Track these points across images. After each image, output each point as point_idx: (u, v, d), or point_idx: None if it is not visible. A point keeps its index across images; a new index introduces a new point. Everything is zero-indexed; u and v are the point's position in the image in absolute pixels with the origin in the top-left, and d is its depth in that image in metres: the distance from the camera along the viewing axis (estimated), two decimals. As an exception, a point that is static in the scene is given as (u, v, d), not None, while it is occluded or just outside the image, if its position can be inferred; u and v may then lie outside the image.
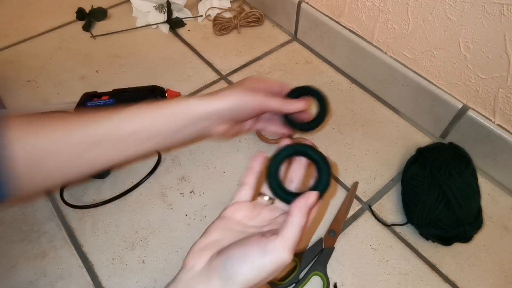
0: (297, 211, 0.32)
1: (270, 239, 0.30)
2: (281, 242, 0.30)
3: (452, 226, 0.46)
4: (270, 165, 0.36)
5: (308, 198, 0.33)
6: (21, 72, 0.68)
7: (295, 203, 0.32)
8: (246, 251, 0.30)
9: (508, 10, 0.44)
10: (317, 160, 0.36)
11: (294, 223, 0.31)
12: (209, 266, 0.31)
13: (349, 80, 0.68)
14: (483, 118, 0.52)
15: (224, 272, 0.30)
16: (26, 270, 0.46)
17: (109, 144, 0.37)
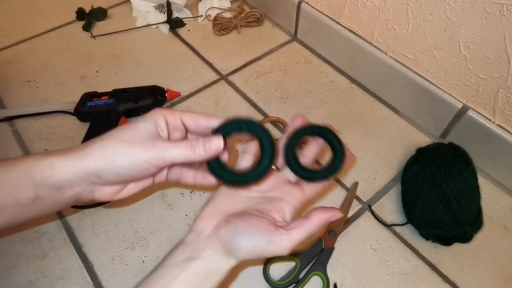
0: (317, 221, 0.33)
1: (278, 232, 0.32)
2: (288, 240, 0.32)
3: (452, 226, 0.46)
4: (290, 137, 0.37)
5: (333, 215, 0.34)
6: (21, 72, 0.68)
7: (319, 214, 0.34)
8: (254, 233, 0.32)
9: (508, 10, 0.44)
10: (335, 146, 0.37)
11: (308, 229, 0.33)
12: (217, 232, 0.33)
13: (349, 80, 0.68)
14: (483, 118, 0.52)
15: (230, 244, 0.32)
16: (26, 270, 0.46)
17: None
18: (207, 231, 0.33)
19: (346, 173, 0.56)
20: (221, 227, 0.33)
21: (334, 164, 0.37)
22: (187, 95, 0.65)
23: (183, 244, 0.33)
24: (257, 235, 0.32)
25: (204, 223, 0.34)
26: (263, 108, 0.63)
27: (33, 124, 0.60)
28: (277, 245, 0.32)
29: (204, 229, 0.34)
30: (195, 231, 0.34)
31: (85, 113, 0.59)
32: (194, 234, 0.34)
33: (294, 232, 0.32)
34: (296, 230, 0.33)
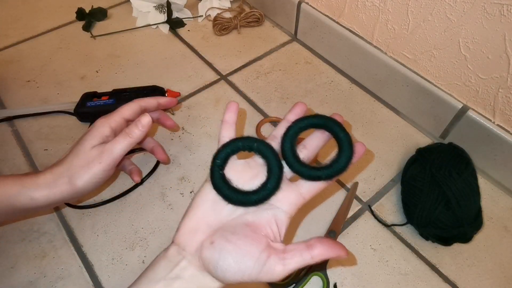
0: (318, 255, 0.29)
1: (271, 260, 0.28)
2: (281, 271, 0.28)
3: (452, 226, 0.46)
4: (290, 127, 0.33)
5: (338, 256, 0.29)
6: (21, 72, 0.68)
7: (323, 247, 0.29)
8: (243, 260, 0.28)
9: (508, 11, 0.44)
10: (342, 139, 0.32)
11: (306, 260, 0.29)
12: (201, 254, 0.30)
13: (349, 80, 0.68)
14: (483, 119, 0.52)
15: (215, 270, 0.29)
16: (26, 270, 0.46)
17: None
18: (190, 249, 0.31)
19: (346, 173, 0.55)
20: (205, 248, 0.30)
21: (340, 161, 0.32)
22: (187, 95, 0.65)
23: (164, 258, 0.32)
24: (246, 263, 0.28)
25: (187, 238, 0.31)
26: (263, 108, 0.64)
27: (33, 124, 0.60)
28: (269, 274, 0.28)
29: (186, 245, 0.31)
30: (177, 244, 0.32)
31: (85, 113, 0.59)
32: (175, 248, 0.32)
33: (289, 262, 0.29)
34: (292, 260, 0.29)
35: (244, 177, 0.33)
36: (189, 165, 0.56)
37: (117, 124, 0.41)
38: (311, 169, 0.32)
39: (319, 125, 0.33)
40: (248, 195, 0.31)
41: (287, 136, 0.33)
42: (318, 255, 0.29)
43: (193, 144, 0.59)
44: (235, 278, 0.29)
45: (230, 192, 0.31)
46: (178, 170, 0.56)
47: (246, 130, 0.60)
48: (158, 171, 0.55)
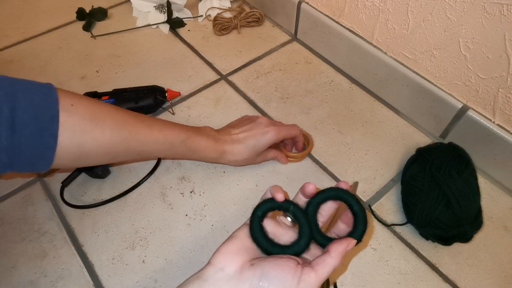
0: (336, 254, 0.33)
1: (305, 271, 0.32)
2: (315, 278, 0.32)
3: (452, 226, 0.46)
4: (311, 203, 0.37)
5: (348, 245, 0.34)
6: (21, 72, 0.68)
7: (336, 246, 0.34)
8: (282, 274, 0.31)
9: (508, 10, 0.44)
10: (357, 213, 0.36)
11: (330, 264, 0.33)
12: (240, 273, 0.31)
13: (349, 80, 0.68)
14: (483, 118, 0.52)
15: (257, 286, 0.31)
16: (27, 270, 0.46)
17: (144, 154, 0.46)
18: (229, 270, 0.31)
19: (346, 173, 0.56)
20: (245, 269, 0.31)
21: (355, 234, 0.35)
22: (187, 95, 0.65)
23: (198, 278, 0.31)
24: (286, 276, 0.31)
25: (226, 259, 0.32)
26: (263, 108, 0.64)
27: (34, 124, 0.60)
28: (307, 284, 0.31)
29: (225, 266, 0.32)
30: (214, 265, 0.32)
31: (85, 113, 0.59)
32: (212, 268, 0.32)
33: (319, 269, 0.32)
34: (320, 266, 0.32)
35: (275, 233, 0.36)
36: (189, 165, 0.56)
37: (284, 138, 0.54)
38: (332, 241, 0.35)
39: (336, 198, 0.37)
40: (283, 248, 0.34)
41: (309, 212, 0.36)
42: (335, 253, 0.33)
43: (193, 144, 0.59)
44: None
45: (267, 244, 0.34)
46: (178, 170, 0.56)
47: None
48: (158, 171, 0.55)
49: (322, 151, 0.58)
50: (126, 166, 0.56)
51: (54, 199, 0.52)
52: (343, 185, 0.37)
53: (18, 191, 0.53)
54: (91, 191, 0.53)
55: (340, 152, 0.58)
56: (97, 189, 0.53)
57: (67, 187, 0.53)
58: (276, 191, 0.36)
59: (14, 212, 0.51)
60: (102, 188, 0.53)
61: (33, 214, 0.51)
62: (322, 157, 0.57)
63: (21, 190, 0.53)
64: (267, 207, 0.36)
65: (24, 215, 0.51)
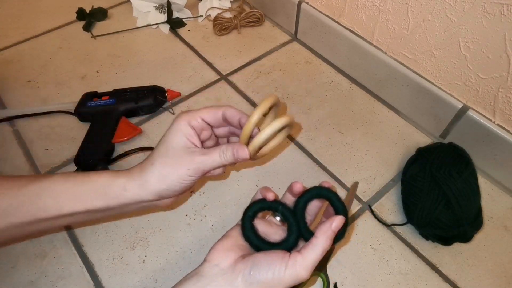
0: (322, 234, 0.34)
1: (292, 255, 0.33)
2: (301, 261, 0.32)
3: (452, 226, 0.46)
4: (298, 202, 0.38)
5: (332, 222, 0.34)
6: (22, 72, 0.68)
7: (321, 227, 0.34)
8: (271, 262, 0.32)
9: (508, 10, 0.44)
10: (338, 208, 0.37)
11: (318, 245, 0.33)
12: (234, 266, 0.33)
13: (349, 80, 0.68)
14: (483, 118, 0.52)
15: (248, 276, 0.32)
16: (27, 269, 0.46)
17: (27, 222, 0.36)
18: (223, 265, 0.33)
19: (346, 172, 0.56)
20: (238, 263, 0.33)
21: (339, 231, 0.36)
22: (187, 95, 0.65)
23: (196, 274, 0.33)
24: (274, 263, 0.32)
25: (221, 256, 0.34)
26: (263, 108, 0.63)
27: (34, 124, 0.60)
28: (293, 268, 0.32)
29: (220, 261, 0.33)
30: (210, 261, 0.34)
31: (86, 113, 0.59)
32: (208, 264, 0.34)
33: (305, 252, 0.33)
34: (306, 249, 0.33)
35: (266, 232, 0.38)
36: (190, 165, 0.56)
37: (197, 125, 0.39)
38: None
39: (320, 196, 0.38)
40: (273, 246, 0.36)
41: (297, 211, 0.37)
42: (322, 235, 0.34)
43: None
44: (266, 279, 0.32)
45: (258, 241, 0.36)
46: (179, 170, 0.56)
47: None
48: (158, 171, 0.55)
49: (322, 151, 0.58)
50: (126, 166, 0.56)
51: (54, 199, 0.52)
52: (325, 184, 0.39)
53: (18, 191, 0.53)
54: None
55: (340, 152, 0.58)
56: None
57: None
58: (267, 191, 0.38)
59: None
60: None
61: (33, 214, 0.51)
62: (322, 157, 0.57)
63: (21, 190, 0.53)
64: (257, 208, 0.37)
65: (24, 215, 0.51)
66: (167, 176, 0.37)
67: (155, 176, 0.37)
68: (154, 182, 0.37)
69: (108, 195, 0.37)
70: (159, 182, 0.37)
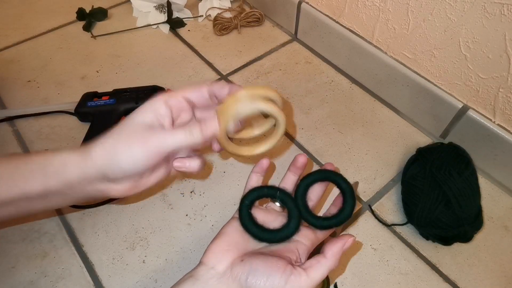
0: (331, 254, 0.32)
1: (296, 271, 0.31)
2: (306, 281, 0.31)
3: (452, 226, 0.46)
4: (299, 186, 0.37)
5: (344, 244, 0.33)
6: (22, 72, 0.68)
7: (331, 246, 0.33)
8: (270, 272, 0.30)
9: (508, 10, 0.44)
10: (345, 190, 0.36)
11: (325, 266, 0.32)
12: (231, 271, 0.31)
13: (349, 80, 0.68)
14: (483, 118, 0.52)
15: (244, 283, 0.30)
16: (27, 270, 0.46)
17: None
18: (220, 268, 0.32)
19: (346, 172, 0.56)
20: (235, 265, 0.32)
21: (345, 210, 0.36)
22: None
23: (191, 277, 0.32)
24: (274, 275, 0.30)
25: (216, 257, 0.32)
26: (264, 108, 0.63)
27: (34, 124, 0.60)
28: (295, 284, 0.30)
29: (216, 264, 0.32)
30: (206, 264, 0.32)
31: (86, 113, 0.59)
32: (204, 267, 0.32)
33: (312, 271, 0.31)
34: (313, 268, 0.31)
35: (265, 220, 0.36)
36: (190, 165, 0.56)
37: (176, 104, 0.33)
38: (324, 220, 0.36)
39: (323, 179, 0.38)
40: (273, 233, 0.35)
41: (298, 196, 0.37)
42: (331, 254, 0.32)
43: (194, 144, 0.59)
44: None
45: (258, 230, 0.34)
46: (179, 170, 0.56)
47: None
48: (158, 171, 0.55)
49: (322, 151, 0.58)
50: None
51: (54, 199, 0.52)
52: (329, 166, 0.37)
53: (18, 191, 0.53)
54: (91, 191, 0.53)
55: (341, 152, 0.58)
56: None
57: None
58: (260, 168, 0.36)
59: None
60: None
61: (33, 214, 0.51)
62: (323, 157, 0.57)
63: (21, 190, 0.53)
64: (253, 196, 0.36)
65: (24, 215, 0.51)
66: (116, 152, 0.31)
67: (101, 149, 0.31)
68: (98, 156, 0.31)
69: (47, 173, 0.31)
70: (104, 156, 0.31)
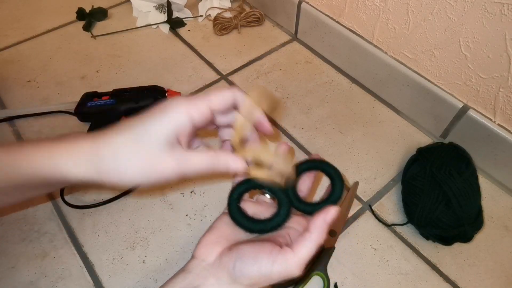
0: (315, 229, 0.31)
1: (282, 250, 0.31)
2: (293, 258, 0.30)
3: (453, 226, 0.46)
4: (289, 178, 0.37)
5: (327, 215, 0.32)
6: (21, 72, 0.68)
7: (314, 220, 0.32)
8: (257, 255, 0.30)
9: (509, 10, 0.44)
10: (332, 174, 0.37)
11: (311, 240, 0.31)
12: (219, 260, 0.32)
13: (349, 80, 0.68)
14: (483, 118, 0.52)
15: (232, 270, 0.31)
16: (27, 270, 0.46)
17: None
18: (210, 259, 0.32)
19: (347, 172, 0.56)
20: (224, 255, 0.32)
21: (335, 192, 0.36)
22: (188, 95, 0.65)
23: (183, 271, 0.32)
24: (261, 256, 0.30)
25: (206, 250, 0.33)
26: (264, 108, 0.63)
27: (34, 124, 0.60)
28: (283, 265, 0.30)
29: (206, 256, 0.33)
30: (197, 258, 0.33)
31: (86, 113, 0.59)
32: (195, 261, 0.33)
33: (297, 247, 0.31)
34: (299, 244, 0.31)
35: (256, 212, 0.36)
36: (190, 165, 0.56)
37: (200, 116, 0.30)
38: (315, 205, 0.36)
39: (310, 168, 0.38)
40: (264, 223, 0.35)
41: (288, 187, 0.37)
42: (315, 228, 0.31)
43: (194, 144, 0.59)
44: (252, 274, 0.30)
45: (248, 222, 0.34)
46: (179, 170, 0.56)
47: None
48: (158, 171, 0.55)
49: (322, 151, 0.58)
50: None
51: (54, 199, 0.52)
52: (315, 156, 0.38)
53: (18, 191, 0.53)
54: (91, 191, 0.53)
55: (341, 152, 0.58)
56: (97, 189, 0.53)
57: (67, 187, 0.53)
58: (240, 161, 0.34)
59: (14, 212, 0.51)
60: (102, 188, 0.53)
61: (33, 214, 0.51)
62: (323, 157, 0.57)
63: (21, 190, 0.53)
64: (242, 189, 0.36)
65: (24, 215, 0.51)
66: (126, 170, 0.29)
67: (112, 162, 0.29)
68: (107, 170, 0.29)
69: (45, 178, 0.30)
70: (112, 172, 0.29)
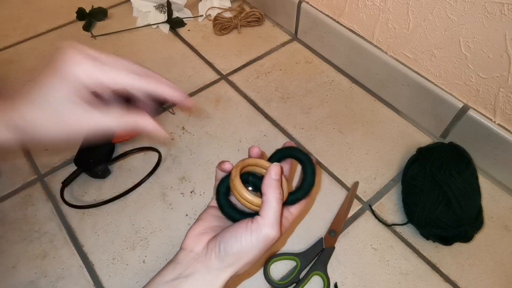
0: (268, 189, 0.33)
1: (254, 220, 0.33)
2: (263, 221, 0.32)
3: (453, 226, 0.46)
4: None
5: (271, 173, 0.34)
6: (21, 72, 0.68)
7: (264, 182, 0.34)
8: (236, 232, 0.33)
9: (509, 10, 0.43)
10: (302, 160, 0.38)
11: (270, 200, 0.33)
12: (206, 248, 0.34)
13: (349, 80, 0.68)
14: (483, 118, 0.52)
15: (218, 252, 0.32)
16: (27, 270, 0.46)
17: None
18: (197, 249, 0.34)
19: (347, 172, 0.56)
20: (210, 243, 0.34)
21: (307, 178, 0.37)
22: (187, 95, 0.65)
23: (172, 262, 0.34)
24: (240, 232, 0.32)
25: (194, 241, 0.35)
26: (264, 108, 0.63)
27: (34, 124, 0.60)
28: (258, 231, 0.32)
29: (194, 247, 0.34)
30: (185, 249, 0.34)
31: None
32: (183, 252, 0.34)
33: (263, 211, 0.32)
34: (264, 210, 0.32)
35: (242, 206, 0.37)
36: (190, 165, 0.56)
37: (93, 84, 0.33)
38: (291, 195, 0.37)
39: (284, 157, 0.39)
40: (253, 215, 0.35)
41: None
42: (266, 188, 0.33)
43: (194, 144, 0.59)
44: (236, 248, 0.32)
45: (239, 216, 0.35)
46: (179, 170, 0.56)
47: (247, 131, 0.60)
48: (158, 171, 0.55)
49: (322, 151, 0.58)
50: (126, 166, 0.56)
51: (54, 199, 0.52)
52: (287, 144, 0.39)
53: (19, 191, 0.53)
54: (91, 191, 0.53)
55: (341, 152, 0.58)
56: (97, 189, 0.53)
57: (67, 187, 0.53)
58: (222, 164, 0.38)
59: (15, 212, 0.51)
60: (102, 188, 0.53)
61: (34, 214, 0.51)
62: (323, 157, 0.57)
63: (21, 190, 0.53)
64: (228, 182, 0.37)
65: (25, 215, 0.51)
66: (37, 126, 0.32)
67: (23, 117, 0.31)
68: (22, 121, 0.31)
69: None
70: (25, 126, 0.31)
